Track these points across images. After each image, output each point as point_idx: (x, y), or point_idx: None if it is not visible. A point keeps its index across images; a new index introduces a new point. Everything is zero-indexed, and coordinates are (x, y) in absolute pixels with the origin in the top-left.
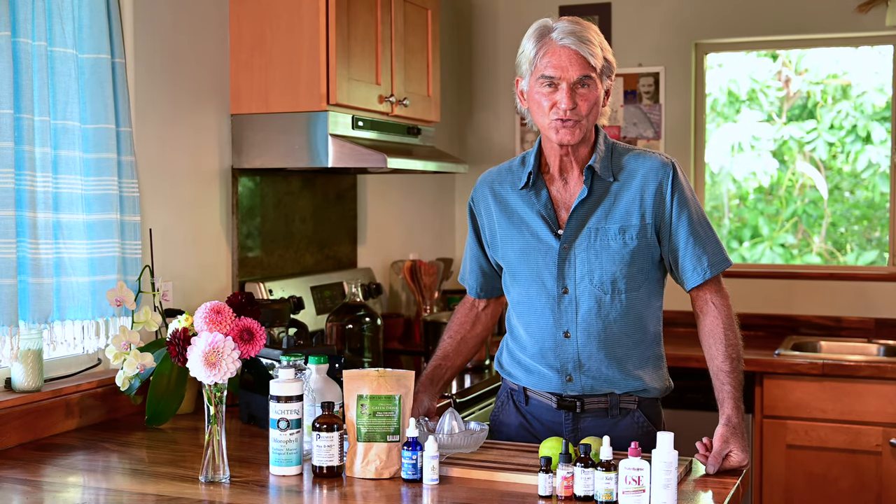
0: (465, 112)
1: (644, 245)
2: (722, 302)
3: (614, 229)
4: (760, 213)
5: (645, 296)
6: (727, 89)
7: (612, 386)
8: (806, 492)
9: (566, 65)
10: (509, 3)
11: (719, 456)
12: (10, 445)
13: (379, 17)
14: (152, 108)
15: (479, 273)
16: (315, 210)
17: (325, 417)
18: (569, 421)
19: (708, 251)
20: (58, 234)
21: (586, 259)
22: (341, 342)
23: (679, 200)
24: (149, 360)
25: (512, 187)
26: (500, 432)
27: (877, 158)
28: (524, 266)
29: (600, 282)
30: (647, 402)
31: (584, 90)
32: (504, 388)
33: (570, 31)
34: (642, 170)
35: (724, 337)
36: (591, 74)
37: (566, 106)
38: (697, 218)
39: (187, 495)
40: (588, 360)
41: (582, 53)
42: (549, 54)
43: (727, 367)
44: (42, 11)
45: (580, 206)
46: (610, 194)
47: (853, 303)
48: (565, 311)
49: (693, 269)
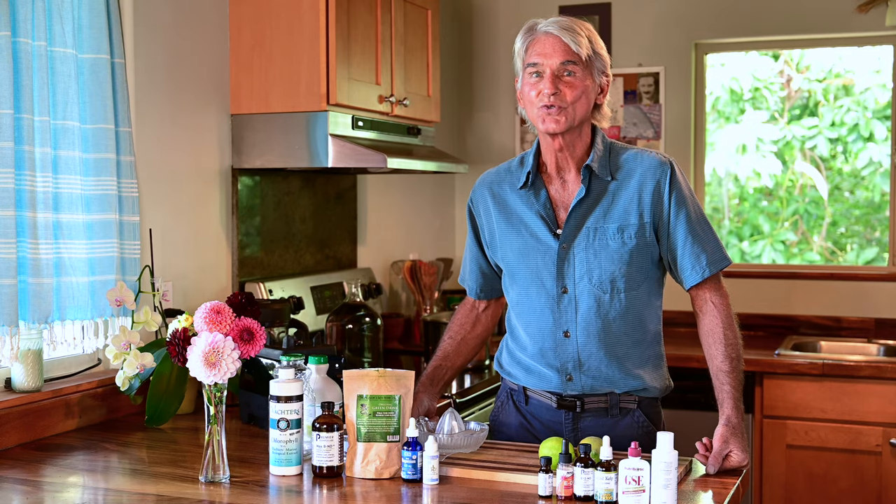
0: (465, 112)
1: (643, 244)
2: (721, 301)
3: (613, 228)
4: (761, 211)
5: (644, 295)
6: (729, 88)
7: (612, 385)
8: (806, 492)
9: (549, 51)
10: (509, 3)
11: (719, 456)
12: (10, 445)
13: (379, 17)
14: (152, 108)
15: (478, 274)
16: (315, 210)
17: (325, 417)
18: (569, 420)
19: (707, 250)
20: (58, 234)
21: (585, 259)
22: (341, 342)
23: (677, 199)
24: (149, 360)
25: (511, 187)
26: (500, 432)
27: (878, 157)
28: (523, 266)
29: (599, 281)
30: (648, 401)
31: (568, 78)
32: (504, 388)
33: (555, 22)
34: (640, 169)
35: (724, 336)
36: (573, 60)
37: (548, 90)
38: (696, 217)
39: (187, 495)
40: (588, 359)
41: (564, 40)
42: (533, 44)
43: (727, 366)
44: (42, 11)
45: (578, 205)
46: (608, 193)
47: (853, 303)
48: (565, 311)
49: (692, 268)
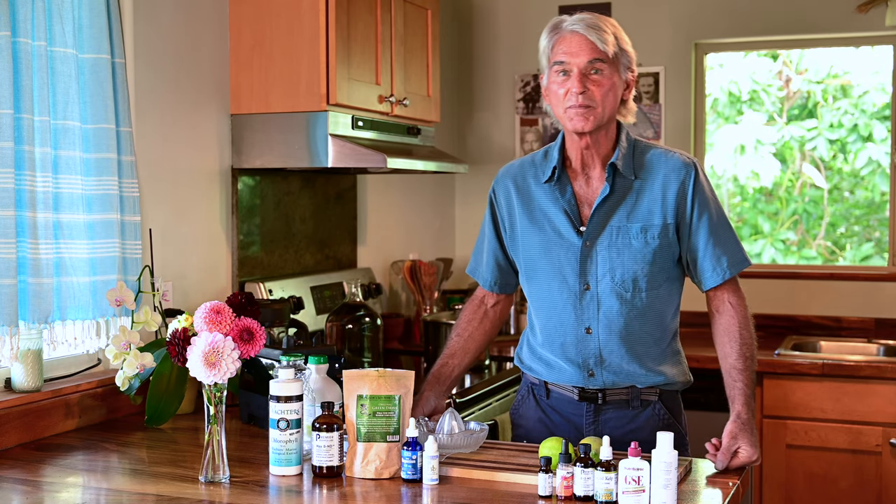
0: (465, 112)
1: (665, 244)
2: (739, 302)
3: (636, 228)
4: (760, 212)
5: (665, 294)
6: (727, 90)
7: (633, 380)
8: (806, 492)
9: (576, 50)
10: (509, 3)
11: (728, 452)
12: (10, 445)
13: (379, 17)
14: (152, 108)
15: (494, 266)
16: (315, 210)
17: (324, 417)
18: (590, 412)
19: (727, 251)
20: (58, 234)
21: (608, 257)
22: (341, 342)
23: (700, 202)
24: (149, 360)
25: (535, 180)
26: (519, 426)
27: (877, 157)
28: (545, 261)
29: (622, 280)
30: (668, 394)
31: (596, 76)
32: (525, 382)
33: (581, 19)
34: (664, 169)
35: (740, 336)
36: (601, 58)
37: (577, 90)
38: (718, 219)
39: (187, 495)
40: (610, 355)
41: (590, 38)
42: (560, 42)
43: (740, 364)
44: (42, 11)
45: (602, 203)
46: (632, 192)
47: (853, 303)
48: (587, 308)
49: (713, 269)
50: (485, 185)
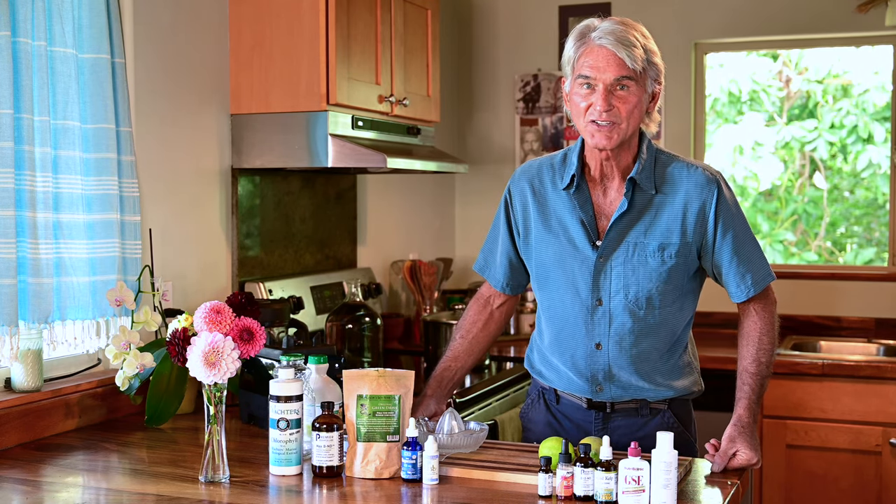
0: (465, 112)
1: (682, 263)
2: (764, 308)
3: (654, 246)
4: (760, 211)
5: (678, 309)
6: (727, 90)
7: (642, 395)
8: (806, 492)
9: (603, 65)
10: (509, 3)
11: (725, 455)
12: (10, 445)
13: (379, 17)
14: (152, 108)
15: (507, 266)
16: (315, 210)
17: (324, 417)
18: (599, 419)
19: (752, 269)
20: (58, 234)
21: (622, 273)
22: (341, 342)
23: (724, 220)
24: (149, 360)
25: (552, 185)
26: (529, 430)
27: (877, 158)
28: (559, 271)
29: (636, 297)
30: (679, 402)
31: (622, 92)
32: (535, 386)
33: (610, 31)
34: (686, 185)
35: (758, 341)
36: (629, 76)
37: (601, 108)
38: (742, 236)
39: (187, 495)
40: (619, 371)
41: (619, 55)
42: (587, 54)
43: (752, 368)
44: (42, 11)
45: (620, 218)
46: (652, 208)
47: (853, 303)
48: (598, 323)
49: (737, 287)
50: (485, 185)
